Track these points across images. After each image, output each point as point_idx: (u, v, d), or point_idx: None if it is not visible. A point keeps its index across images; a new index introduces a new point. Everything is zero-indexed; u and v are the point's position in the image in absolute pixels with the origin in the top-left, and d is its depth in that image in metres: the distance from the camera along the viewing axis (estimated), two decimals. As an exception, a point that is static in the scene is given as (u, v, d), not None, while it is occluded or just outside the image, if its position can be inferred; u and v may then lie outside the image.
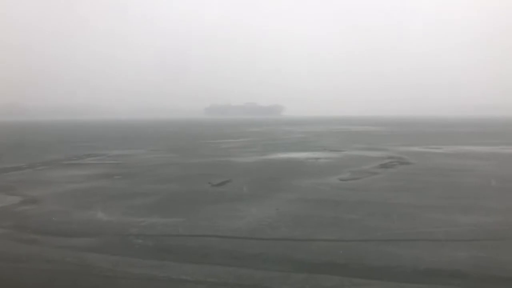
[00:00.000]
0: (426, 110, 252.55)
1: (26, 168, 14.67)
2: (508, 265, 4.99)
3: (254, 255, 5.42)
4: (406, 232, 6.32)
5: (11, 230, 6.76)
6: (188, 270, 4.95)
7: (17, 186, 10.99)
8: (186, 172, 13.47)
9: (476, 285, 4.52)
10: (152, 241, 6.09)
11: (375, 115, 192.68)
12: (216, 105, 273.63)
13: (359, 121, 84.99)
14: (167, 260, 5.28)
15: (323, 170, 13.27)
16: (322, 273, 4.79)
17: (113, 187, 10.76)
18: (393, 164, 14.33)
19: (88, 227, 6.87)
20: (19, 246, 6.00)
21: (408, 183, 10.67)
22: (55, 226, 7.00)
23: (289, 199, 8.84)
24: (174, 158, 17.74)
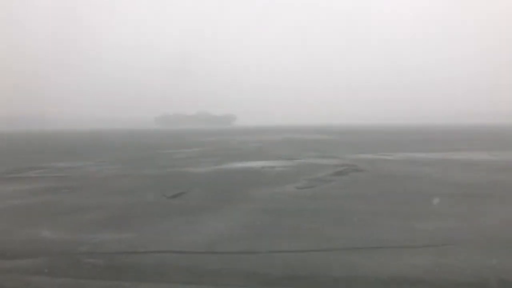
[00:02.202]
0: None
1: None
2: (467, 269, 5.08)
3: (214, 271, 5.17)
4: (366, 240, 6.31)
5: None
6: (145, 290, 4.62)
7: (-50, 203, 10.02)
8: (139, 184, 12.93)
9: (439, 292, 4.53)
10: (104, 259, 5.68)
11: (329, 123, 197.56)
12: (167, 114, 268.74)
13: (313, 130, 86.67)
14: (121, 280, 4.92)
15: (280, 179, 13.22)
16: (287, 287, 4.64)
17: (59, 202, 10.07)
18: (347, 172, 14.55)
19: (32, 247, 6.31)
20: (-49, 272, 5.37)
21: (363, 190, 10.83)
22: (-7, 247, 6.37)
23: (247, 209, 8.65)
24: (125, 170, 17.05)
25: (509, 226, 7.16)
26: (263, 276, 4.98)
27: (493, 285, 4.65)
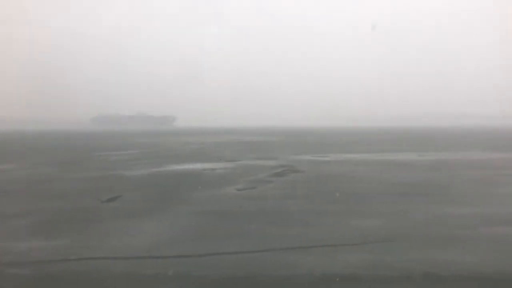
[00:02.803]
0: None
1: None
2: (396, 264, 5.37)
3: (152, 276, 5.05)
4: (303, 239, 6.48)
5: None
6: (76, 299, 4.40)
7: None
8: (72, 187, 12.31)
9: (369, 286, 4.75)
10: (30, 269, 5.34)
11: (272, 125, 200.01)
12: (104, 114, 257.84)
13: (255, 131, 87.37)
14: (49, 290, 4.64)
15: (220, 180, 13.20)
16: (225, 289, 4.63)
17: (-19, 209, 9.32)
18: (286, 173, 14.84)
19: None
20: None
21: (301, 190, 11.10)
22: None
23: (187, 212, 8.55)
24: (57, 173, 16.15)
25: (438, 222, 7.67)
26: (200, 278, 4.94)
27: (418, 278, 4.96)
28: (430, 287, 4.77)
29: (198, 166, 17.75)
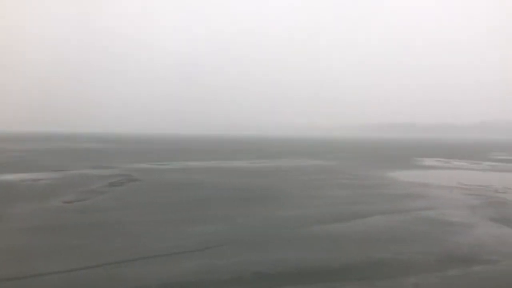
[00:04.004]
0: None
1: None
2: (230, 267, 5.59)
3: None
4: (138, 250, 6.25)
5: None
6: None
7: None
8: None
9: (204, 292, 4.83)
10: None
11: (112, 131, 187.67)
12: None
13: (90, 138, 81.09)
14: None
15: (45, 192, 11.83)
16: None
17: None
18: (122, 182, 14.18)
19: None
20: None
21: (137, 200, 10.75)
22: None
23: (4, 230, 7.42)
24: None
25: (268, 224, 8.26)
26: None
27: (248, 278, 5.25)
28: (259, 286, 5.09)
29: (16, 177, 15.55)
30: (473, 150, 50.94)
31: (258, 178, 16.41)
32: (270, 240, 7.07)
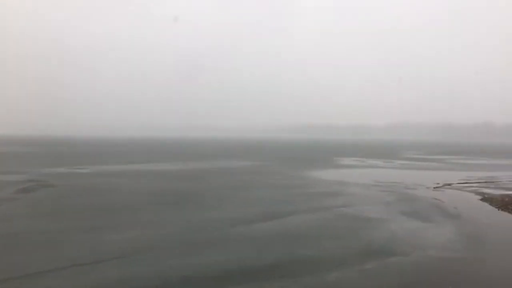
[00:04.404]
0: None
1: None
2: (154, 273, 5.39)
3: None
4: (55, 260, 5.80)
5: None
6: None
7: None
8: None
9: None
10: None
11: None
12: None
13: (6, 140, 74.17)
14: None
15: None
16: None
17: None
18: (35, 188, 13.15)
19: None
20: None
21: (51, 207, 10.08)
22: None
23: None
24: None
25: (192, 227, 8.12)
26: None
27: (174, 284, 5.11)
28: (185, 291, 4.98)
29: None
30: (385, 150, 54.65)
31: (181, 181, 16.18)
32: (195, 243, 6.96)
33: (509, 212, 10.85)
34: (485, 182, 17.46)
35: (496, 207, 11.48)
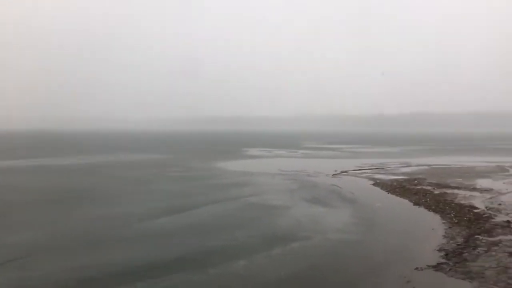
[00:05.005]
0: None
1: None
2: (46, 276, 5.03)
3: None
4: None
5: None
6: None
7: None
8: None
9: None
10: None
11: None
12: None
13: None
14: None
15: None
16: None
17: None
18: None
19: None
20: None
21: None
22: None
23: None
24: None
25: (99, 225, 7.72)
26: None
27: (73, 286, 4.80)
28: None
29: None
30: (290, 140, 57.05)
31: (81, 176, 15.24)
32: (99, 241, 6.63)
33: (396, 195, 12.12)
34: (377, 168, 19.20)
35: (386, 191, 12.73)
